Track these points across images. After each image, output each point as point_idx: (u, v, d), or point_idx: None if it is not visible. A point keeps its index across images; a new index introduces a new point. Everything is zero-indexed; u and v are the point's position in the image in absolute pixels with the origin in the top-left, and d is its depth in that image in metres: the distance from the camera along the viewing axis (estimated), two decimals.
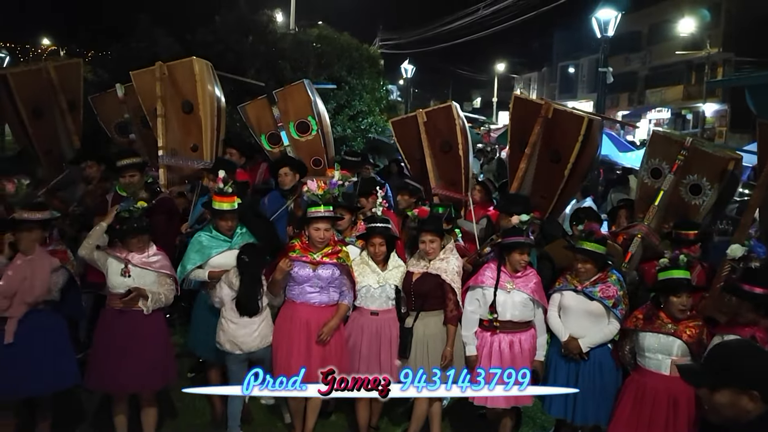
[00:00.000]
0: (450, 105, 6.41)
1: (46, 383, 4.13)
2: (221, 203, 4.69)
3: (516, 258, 4.60)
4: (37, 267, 4.09)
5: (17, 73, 6.80)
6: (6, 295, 3.99)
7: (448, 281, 4.65)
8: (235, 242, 4.78)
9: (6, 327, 4.01)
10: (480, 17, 27.30)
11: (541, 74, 51.10)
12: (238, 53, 11.05)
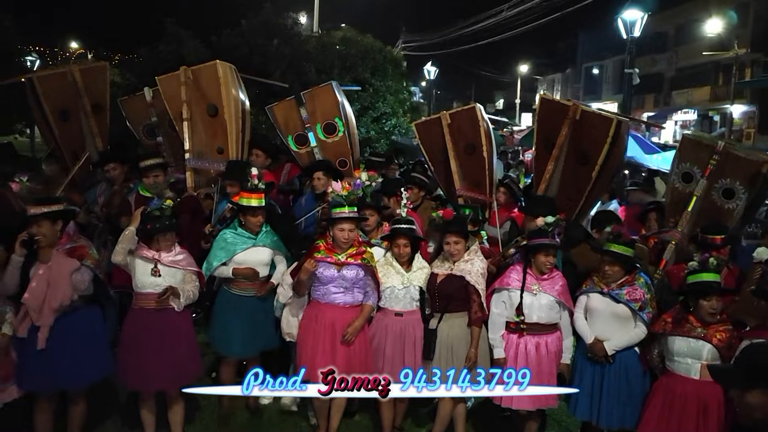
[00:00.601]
0: (474, 107, 6.39)
1: (78, 376, 4.21)
2: (249, 199, 4.76)
3: (541, 260, 4.58)
4: (55, 273, 4.12)
5: (43, 76, 6.95)
6: (34, 307, 4.06)
7: (472, 283, 4.64)
8: (260, 239, 4.85)
9: (39, 334, 4.08)
10: (504, 18, 27.17)
11: (565, 75, 50.69)
12: (263, 56, 11.14)
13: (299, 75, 11.07)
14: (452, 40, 32.11)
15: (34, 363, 4.13)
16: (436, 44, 32.43)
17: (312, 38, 13.25)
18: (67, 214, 4.36)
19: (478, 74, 51.56)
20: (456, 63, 42.46)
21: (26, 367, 4.17)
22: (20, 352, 4.20)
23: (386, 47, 13.74)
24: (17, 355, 4.21)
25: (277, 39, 11.64)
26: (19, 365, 4.20)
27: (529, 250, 4.65)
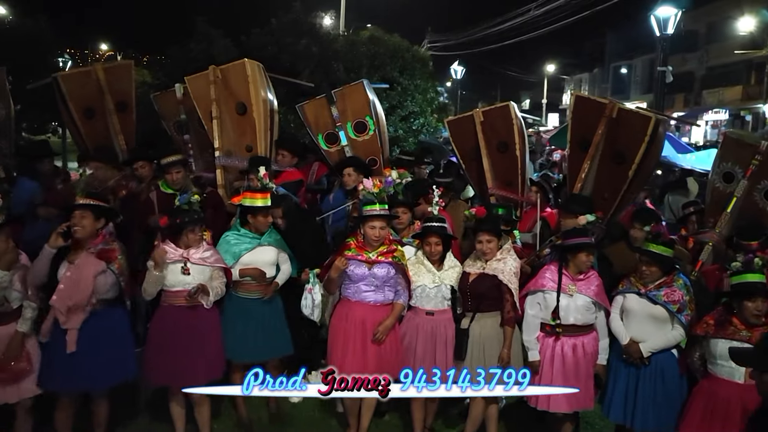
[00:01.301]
0: (508, 104, 6.33)
1: (101, 378, 4.22)
2: (254, 199, 4.72)
3: (582, 259, 4.49)
4: (79, 272, 4.14)
5: (68, 75, 7.04)
6: (62, 310, 4.08)
7: (505, 282, 4.58)
8: (264, 239, 4.81)
9: (67, 337, 4.10)
10: (531, 17, 26.95)
11: (593, 75, 50.12)
12: (292, 55, 11.18)
13: (327, 74, 11.10)
14: (478, 40, 31.96)
15: (58, 363, 4.16)
16: (462, 44, 32.32)
17: (340, 37, 13.26)
18: (110, 213, 4.41)
19: (503, 74, 51.21)
20: (482, 63, 42.23)
21: (50, 367, 4.20)
22: (44, 352, 4.23)
23: (413, 46, 13.71)
24: (42, 355, 4.23)
25: (306, 38, 11.66)
26: (42, 365, 4.23)
27: (568, 250, 4.55)
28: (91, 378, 4.19)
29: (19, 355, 4.15)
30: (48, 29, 12.84)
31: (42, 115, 12.38)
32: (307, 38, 11.62)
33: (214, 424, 4.85)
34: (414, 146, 11.88)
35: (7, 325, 4.15)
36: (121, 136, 6.84)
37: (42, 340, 4.21)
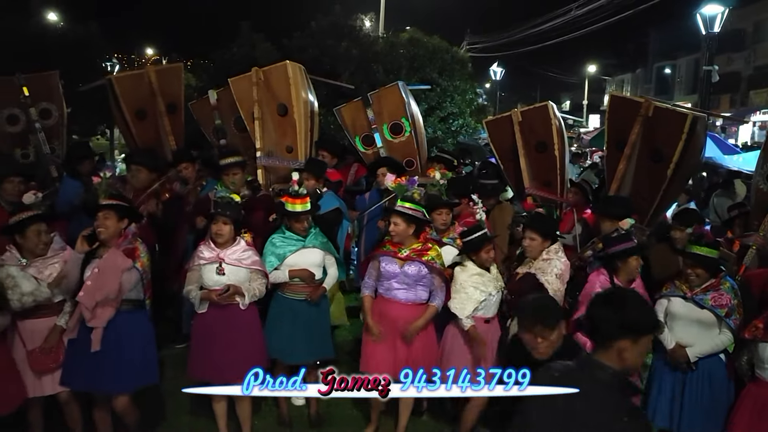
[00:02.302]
0: (546, 104, 6.31)
1: (124, 381, 4.22)
2: (294, 205, 4.72)
3: (633, 265, 4.41)
4: (106, 267, 4.17)
5: (121, 77, 7.26)
6: (88, 307, 4.10)
7: (542, 281, 4.50)
8: (309, 241, 4.82)
9: (92, 336, 4.13)
10: (572, 18, 26.56)
11: (635, 75, 49.10)
12: (332, 57, 11.30)
13: (367, 75, 11.18)
14: (518, 41, 31.65)
15: (81, 362, 4.18)
16: (502, 45, 32.03)
17: (380, 39, 13.34)
18: (133, 213, 4.45)
19: (543, 75, 50.56)
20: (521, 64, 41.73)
21: (73, 365, 4.24)
22: (68, 352, 4.28)
23: (453, 48, 13.71)
24: (66, 354, 4.29)
25: (346, 40, 11.76)
26: (65, 363, 4.27)
27: (618, 257, 4.45)
28: (114, 380, 4.20)
29: (55, 348, 4.25)
30: (98, 34, 13.23)
31: (91, 118, 12.75)
32: (348, 40, 11.72)
33: (255, 420, 4.91)
34: (452, 147, 11.88)
35: (47, 318, 4.26)
36: (171, 137, 7.03)
37: (68, 337, 4.26)
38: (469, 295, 4.53)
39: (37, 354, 4.18)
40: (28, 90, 6.68)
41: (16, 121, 6.78)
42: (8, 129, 6.79)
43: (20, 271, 4.17)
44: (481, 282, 4.58)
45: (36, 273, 4.19)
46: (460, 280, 4.59)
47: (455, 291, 4.58)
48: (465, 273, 4.61)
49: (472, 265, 4.64)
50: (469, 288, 4.55)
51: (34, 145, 6.62)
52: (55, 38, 13.07)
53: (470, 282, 4.56)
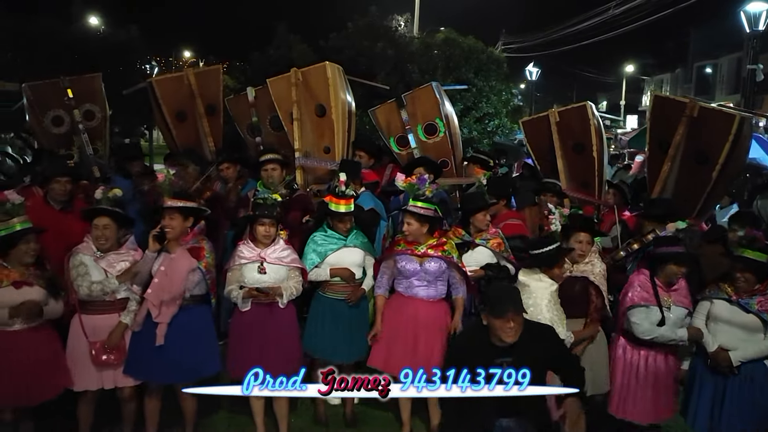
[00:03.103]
0: (585, 104, 6.23)
1: (187, 373, 4.33)
2: (338, 205, 4.73)
3: (673, 270, 4.34)
4: (173, 267, 4.31)
5: (161, 80, 7.34)
6: (155, 303, 4.28)
7: (596, 283, 4.48)
8: (350, 240, 4.84)
9: (157, 330, 4.29)
10: (610, 17, 26.15)
11: (675, 75, 48.04)
12: (368, 58, 11.33)
13: (403, 76, 11.18)
14: (554, 41, 31.30)
15: (146, 355, 4.34)
16: (537, 45, 31.73)
17: (415, 40, 13.33)
18: (198, 212, 4.56)
19: (580, 75, 49.89)
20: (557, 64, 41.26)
21: (138, 357, 4.38)
22: (133, 343, 4.42)
23: (488, 48, 13.62)
24: (131, 346, 4.42)
25: (382, 41, 11.78)
26: (131, 356, 4.40)
27: (659, 259, 4.40)
28: (177, 371, 4.34)
29: (118, 344, 4.36)
30: (139, 38, 13.50)
31: (131, 119, 13.02)
32: (383, 41, 11.74)
33: (292, 418, 4.96)
34: (488, 148, 11.80)
35: (110, 315, 4.37)
36: (210, 138, 7.13)
37: (134, 330, 4.40)
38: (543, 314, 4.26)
39: (100, 348, 4.30)
40: (73, 92, 6.86)
41: (60, 122, 6.98)
42: (53, 130, 6.99)
43: (93, 261, 4.30)
44: (554, 300, 4.36)
45: (107, 266, 4.33)
46: (537, 294, 4.31)
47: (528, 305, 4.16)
48: (545, 290, 4.32)
49: (546, 279, 4.37)
50: (543, 304, 4.28)
51: (77, 146, 6.78)
52: (97, 42, 13.37)
53: (547, 298, 4.31)
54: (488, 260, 4.96)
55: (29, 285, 4.03)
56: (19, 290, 3.99)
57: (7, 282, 3.97)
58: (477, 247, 4.98)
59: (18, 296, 3.98)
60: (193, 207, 4.48)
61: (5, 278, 3.98)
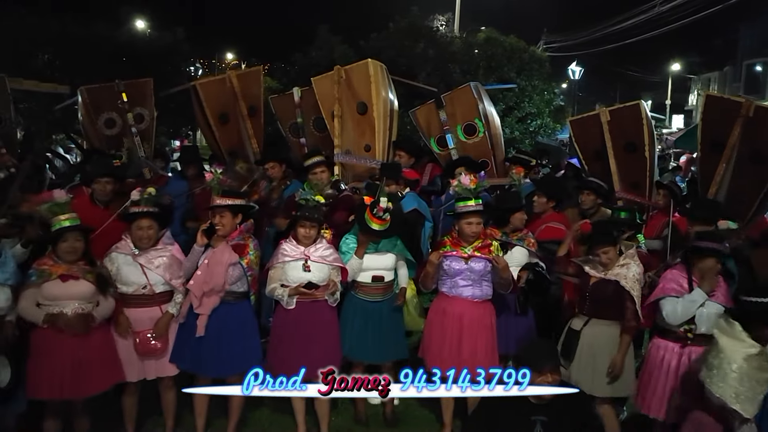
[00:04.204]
0: (638, 103, 6.15)
1: (229, 366, 4.41)
2: (371, 222, 4.71)
3: (709, 265, 4.24)
4: (215, 260, 4.38)
5: (205, 83, 7.47)
6: (197, 295, 4.36)
7: (627, 288, 4.40)
8: (383, 245, 4.83)
9: (198, 321, 4.39)
10: (656, 14, 25.57)
11: (723, 74, 46.71)
12: (409, 58, 11.32)
13: (444, 76, 11.13)
14: (597, 40, 30.77)
15: (190, 346, 4.43)
16: (580, 44, 31.25)
17: (456, 39, 13.26)
18: (247, 209, 4.64)
19: (623, 74, 48.92)
20: (599, 63, 40.57)
21: (182, 348, 4.49)
22: (179, 335, 4.53)
23: (530, 47, 13.48)
24: (177, 337, 4.53)
25: (423, 41, 11.76)
26: (176, 347, 4.51)
27: (696, 253, 4.30)
28: (220, 365, 4.42)
29: (164, 334, 4.47)
30: (184, 41, 13.75)
31: (176, 120, 13.25)
32: (425, 41, 11.71)
33: (332, 416, 4.99)
34: (530, 148, 11.68)
35: (149, 308, 4.46)
36: (253, 139, 7.24)
37: (179, 321, 4.51)
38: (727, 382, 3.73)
39: (144, 338, 4.39)
40: (126, 96, 7.04)
41: (112, 124, 7.18)
42: (105, 132, 7.19)
43: (131, 259, 4.41)
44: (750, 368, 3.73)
45: (145, 262, 4.43)
46: (727, 355, 3.69)
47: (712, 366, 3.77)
48: (739, 351, 3.65)
49: (747, 339, 3.69)
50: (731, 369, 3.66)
51: (127, 148, 6.95)
52: (144, 44, 13.65)
53: (738, 362, 3.64)
54: (526, 260, 4.97)
55: (75, 278, 4.12)
56: (65, 283, 4.10)
57: (55, 275, 4.08)
58: (515, 247, 4.98)
59: (64, 289, 4.10)
60: (241, 204, 4.55)
61: (53, 271, 4.09)
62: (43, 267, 4.10)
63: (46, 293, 4.07)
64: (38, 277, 4.07)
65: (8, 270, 4.06)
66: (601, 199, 5.83)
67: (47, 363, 4.05)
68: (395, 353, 4.90)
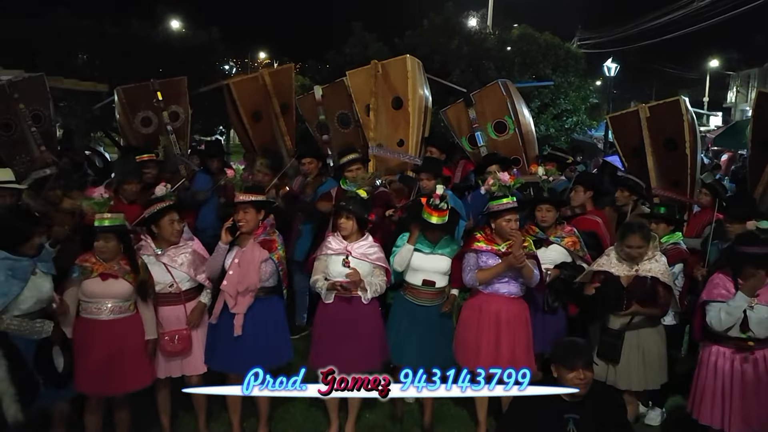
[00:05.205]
0: (678, 99, 5.99)
1: (262, 362, 4.35)
2: (431, 216, 4.61)
3: (750, 272, 4.09)
4: (247, 259, 4.38)
5: (238, 81, 7.55)
6: (232, 295, 4.37)
7: (663, 280, 4.39)
8: (439, 247, 4.74)
9: (235, 321, 4.38)
10: (693, 10, 25.06)
11: (763, 70, 45.46)
12: (443, 55, 11.27)
13: (478, 73, 11.05)
14: (633, 36, 30.29)
15: (223, 345, 4.44)
16: (615, 40, 30.79)
17: (491, 36, 13.16)
18: (270, 205, 4.65)
19: (660, 71, 47.98)
20: (635, 60, 39.91)
21: (215, 348, 4.49)
22: (210, 334, 4.53)
23: (565, 43, 13.32)
24: (209, 337, 4.54)
25: (457, 37, 11.69)
26: (208, 345, 4.53)
27: (746, 260, 4.15)
28: (253, 361, 4.34)
29: (198, 324, 4.51)
30: (219, 40, 13.91)
31: (211, 118, 13.42)
32: (459, 38, 11.65)
33: (367, 413, 5.00)
34: (565, 145, 11.54)
35: (176, 306, 4.49)
36: (286, 136, 7.30)
37: (212, 322, 4.52)
38: None
39: (168, 338, 4.42)
40: (161, 94, 7.15)
41: (149, 123, 7.33)
42: (142, 130, 7.33)
43: (154, 259, 4.44)
44: None
45: (169, 261, 4.46)
46: None
47: None
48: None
49: None
50: None
51: (163, 146, 7.05)
52: (179, 44, 13.85)
53: None
54: (562, 259, 4.88)
55: (115, 277, 4.17)
56: (105, 282, 4.15)
57: (96, 273, 4.14)
58: (551, 245, 4.89)
59: (104, 287, 4.15)
60: (264, 200, 4.56)
61: (95, 269, 4.15)
62: (85, 264, 4.17)
63: (86, 290, 4.14)
64: (80, 273, 4.14)
65: (50, 262, 4.14)
66: (637, 197, 5.73)
67: (86, 359, 4.11)
68: (437, 360, 4.58)
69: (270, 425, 4.84)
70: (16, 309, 3.83)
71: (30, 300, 3.88)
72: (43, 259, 4.08)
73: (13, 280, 3.82)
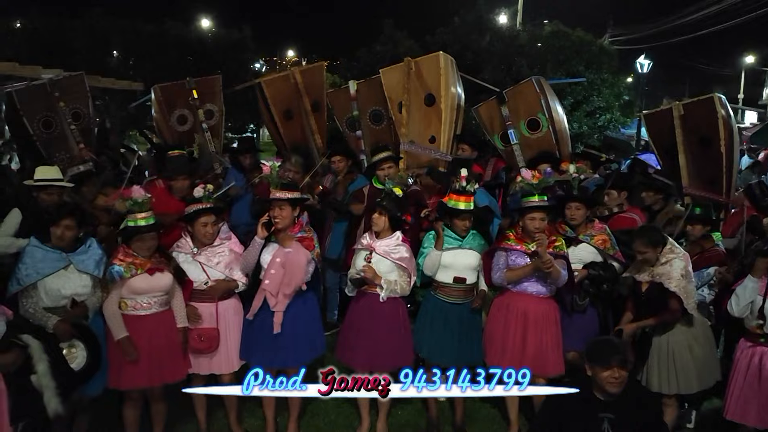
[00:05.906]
0: (712, 96, 5.90)
1: (297, 356, 4.42)
2: (457, 202, 4.62)
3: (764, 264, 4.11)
4: (293, 261, 4.40)
5: (269, 80, 7.59)
6: (273, 292, 4.40)
7: (672, 289, 4.34)
8: (467, 242, 4.71)
9: (275, 319, 4.41)
10: (729, 5, 24.52)
11: None
12: (475, 52, 11.22)
13: (509, 70, 10.98)
14: (665, 32, 29.72)
15: (260, 341, 4.48)
16: (648, 36, 30.24)
17: (522, 33, 13.06)
18: (305, 202, 4.69)
19: (694, 67, 47.01)
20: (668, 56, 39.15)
21: (252, 343, 4.53)
22: (246, 329, 4.57)
23: (597, 40, 13.15)
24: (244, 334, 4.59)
25: (489, 34, 11.63)
26: (243, 340, 4.57)
27: None
28: (289, 355, 4.44)
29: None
30: (251, 38, 14.03)
31: (243, 116, 13.56)
32: (490, 35, 11.59)
33: (398, 410, 5.01)
34: (598, 143, 11.40)
35: (208, 304, 4.51)
36: (317, 134, 7.33)
37: (249, 318, 4.54)
38: None
39: (195, 336, 4.48)
40: (197, 92, 7.24)
41: (184, 121, 7.41)
42: (177, 128, 7.42)
43: (191, 258, 4.51)
44: None
45: (205, 260, 4.52)
46: None
47: None
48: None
49: None
50: None
51: (198, 143, 7.15)
52: (211, 42, 14.01)
53: None
54: (592, 258, 4.84)
55: (161, 271, 4.28)
56: (153, 276, 4.25)
57: (142, 269, 4.22)
58: (580, 243, 4.84)
59: (151, 282, 4.24)
60: (300, 197, 4.58)
61: (140, 266, 4.23)
62: (126, 262, 4.22)
63: (133, 286, 4.22)
64: (127, 271, 4.20)
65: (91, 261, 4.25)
66: (665, 197, 5.66)
67: None
68: (471, 358, 4.69)
69: (301, 421, 4.87)
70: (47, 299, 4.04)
71: (55, 293, 4.05)
72: (81, 255, 4.20)
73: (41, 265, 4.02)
